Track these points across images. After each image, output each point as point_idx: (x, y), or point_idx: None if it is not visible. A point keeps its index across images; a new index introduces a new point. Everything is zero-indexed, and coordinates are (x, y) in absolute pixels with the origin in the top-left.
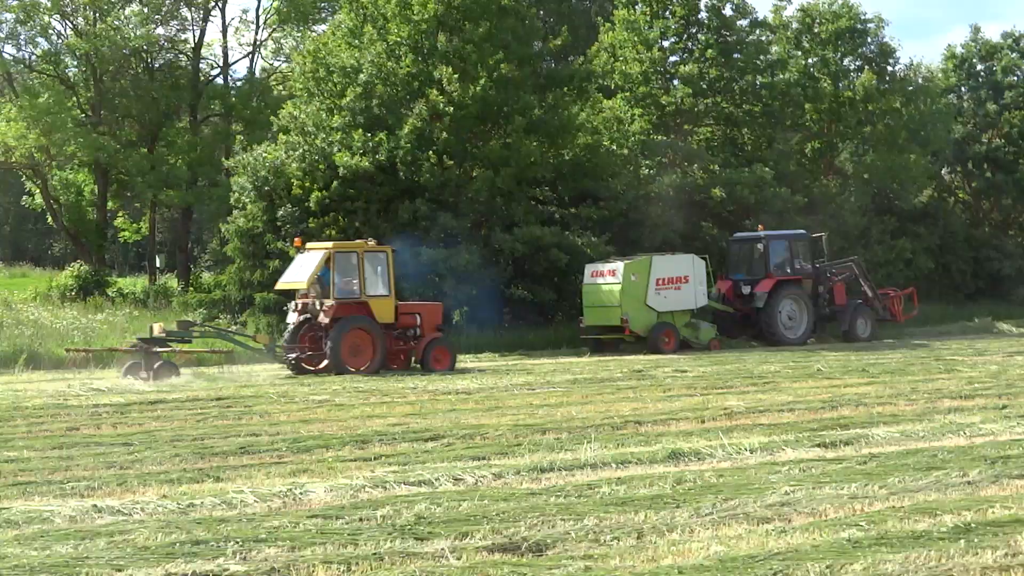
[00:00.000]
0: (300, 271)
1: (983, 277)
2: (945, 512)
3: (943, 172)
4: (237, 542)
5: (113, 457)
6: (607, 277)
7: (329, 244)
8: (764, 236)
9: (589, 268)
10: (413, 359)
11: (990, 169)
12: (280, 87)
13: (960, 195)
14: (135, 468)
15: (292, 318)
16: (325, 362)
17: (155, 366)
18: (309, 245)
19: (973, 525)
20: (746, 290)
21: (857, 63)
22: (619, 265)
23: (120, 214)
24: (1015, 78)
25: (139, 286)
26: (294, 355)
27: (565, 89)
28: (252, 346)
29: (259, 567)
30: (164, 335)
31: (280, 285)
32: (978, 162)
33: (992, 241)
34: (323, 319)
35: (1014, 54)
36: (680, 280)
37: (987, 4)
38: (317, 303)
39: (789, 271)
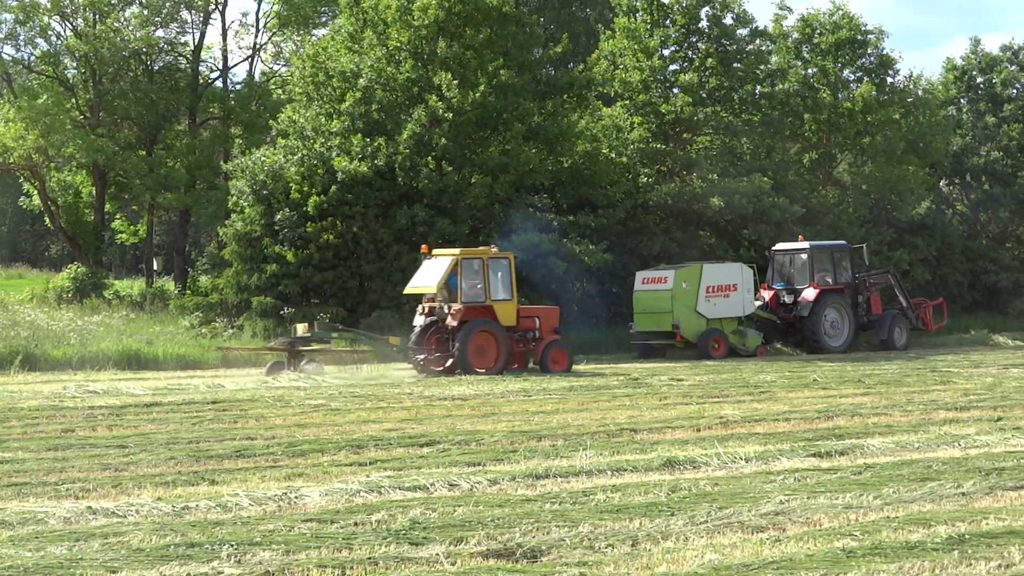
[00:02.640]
0: (429, 276)
1: (980, 289)
2: (939, 523)
3: (941, 184)
4: (232, 545)
5: (108, 459)
6: (658, 284)
7: (456, 250)
8: (809, 247)
9: (640, 275)
10: (532, 360)
11: (988, 181)
12: (279, 91)
13: (958, 207)
14: (130, 470)
15: (419, 321)
16: (450, 362)
17: (304, 363)
18: (435, 252)
19: (967, 536)
20: (789, 299)
21: (857, 74)
22: (671, 272)
23: (118, 216)
24: (1014, 91)
25: (136, 288)
26: (422, 356)
27: (564, 96)
28: (386, 347)
29: (253, 570)
30: (308, 335)
31: (409, 289)
32: (976, 174)
33: (989, 253)
34: (451, 322)
35: (1013, 67)
36: (729, 288)
37: (987, 16)
38: (445, 307)
39: (831, 281)
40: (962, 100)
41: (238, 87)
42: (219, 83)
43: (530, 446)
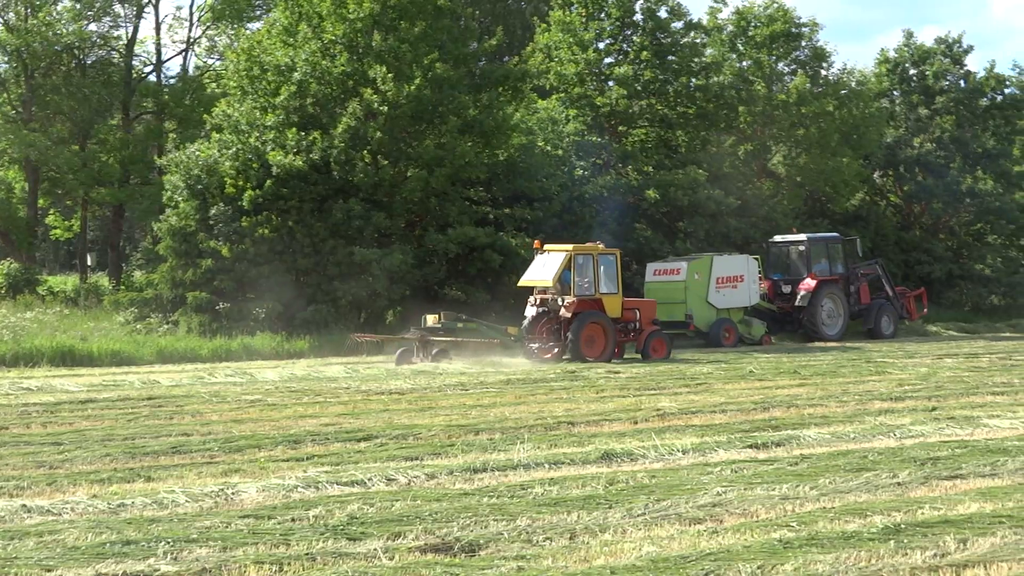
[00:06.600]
0: (542, 270)
1: (914, 280)
2: (875, 513)
3: (875, 176)
4: (168, 542)
5: (43, 456)
6: (671, 275)
7: (568, 246)
8: (806, 239)
9: (651, 267)
10: (634, 349)
11: (921, 173)
12: (214, 85)
13: (891, 198)
14: (65, 467)
15: (530, 312)
16: (557, 350)
17: (434, 352)
18: (547, 247)
19: (903, 526)
20: (786, 289)
21: (791, 67)
22: (683, 264)
23: (51, 212)
24: (947, 83)
25: (70, 284)
26: (536, 345)
27: (500, 89)
28: (505, 337)
29: (190, 567)
30: (439, 326)
31: (524, 282)
32: (909, 166)
33: (923, 244)
34: (564, 313)
35: (946, 59)
36: (737, 279)
37: (924, 8)
38: (558, 299)
39: (828, 272)
40: (895, 92)
41: (172, 81)
42: (153, 77)
43: (467, 440)
